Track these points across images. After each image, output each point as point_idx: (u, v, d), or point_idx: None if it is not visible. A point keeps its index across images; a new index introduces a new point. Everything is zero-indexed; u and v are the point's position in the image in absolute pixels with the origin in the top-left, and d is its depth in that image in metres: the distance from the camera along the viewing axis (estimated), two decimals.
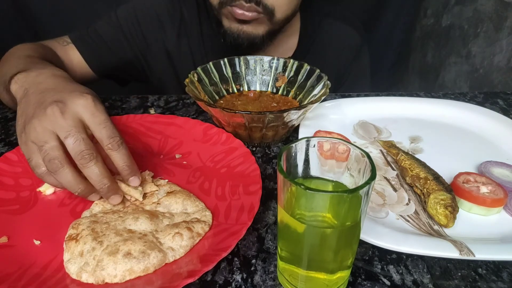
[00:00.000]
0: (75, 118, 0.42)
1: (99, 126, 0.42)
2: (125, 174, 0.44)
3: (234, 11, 0.70)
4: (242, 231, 0.39)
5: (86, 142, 0.41)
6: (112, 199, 0.43)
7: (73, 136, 0.41)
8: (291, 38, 0.85)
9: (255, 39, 0.74)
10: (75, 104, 0.42)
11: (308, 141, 0.35)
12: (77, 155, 0.41)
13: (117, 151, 0.43)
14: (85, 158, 0.41)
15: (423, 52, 1.46)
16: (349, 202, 0.30)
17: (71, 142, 0.41)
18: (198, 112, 0.67)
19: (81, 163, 0.41)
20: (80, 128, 0.42)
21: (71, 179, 0.41)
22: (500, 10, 1.06)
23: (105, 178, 0.42)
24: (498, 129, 0.61)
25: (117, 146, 0.43)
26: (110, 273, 0.36)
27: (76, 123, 0.42)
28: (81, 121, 0.42)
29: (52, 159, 0.40)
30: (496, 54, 1.08)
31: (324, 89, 0.58)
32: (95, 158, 0.41)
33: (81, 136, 0.41)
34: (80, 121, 0.42)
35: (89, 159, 0.41)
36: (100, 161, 0.42)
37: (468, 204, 0.46)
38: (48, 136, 0.41)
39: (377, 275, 0.38)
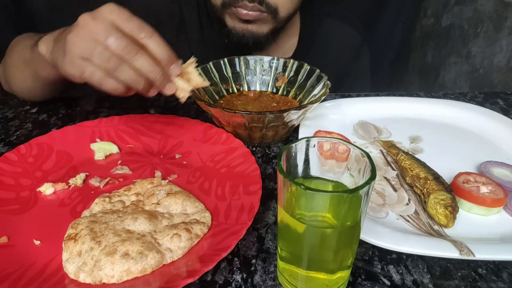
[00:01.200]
0: (105, 21, 0.43)
1: (128, 22, 0.44)
2: (165, 62, 0.45)
3: (238, 11, 0.70)
4: (242, 231, 0.39)
5: (125, 37, 0.43)
6: (167, 87, 0.45)
7: (112, 34, 0.42)
8: (291, 38, 0.85)
9: (260, 37, 0.74)
10: (102, 10, 0.44)
11: (308, 141, 0.35)
12: (124, 50, 0.42)
13: (151, 38, 0.44)
14: (132, 51, 0.42)
15: (423, 52, 1.46)
16: (349, 202, 0.30)
17: (113, 41, 0.42)
18: (198, 112, 0.67)
19: (130, 56, 0.42)
20: (113, 27, 0.43)
21: (132, 73, 0.43)
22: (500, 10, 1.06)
23: (157, 66, 0.43)
24: (498, 129, 0.61)
25: (151, 34, 0.44)
26: (107, 273, 0.36)
27: (110, 24, 0.43)
28: (111, 23, 0.43)
29: (108, 59, 0.42)
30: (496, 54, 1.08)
31: (324, 89, 0.58)
32: (141, 50, 0.43)
33: (118, 33, 0.42)
34: (110, 23, 0.43)
35: (136, 51, 0.42)
36: (145, 52, 0.43)
37: (468, 204, 0.46)
38: (91, 43, 0.43)
39: (377, 275, 0.38)
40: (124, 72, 0.43)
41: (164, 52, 0.45)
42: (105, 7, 0.44)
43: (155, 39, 0.44)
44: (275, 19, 0.72)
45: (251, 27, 0.73)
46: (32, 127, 0.63)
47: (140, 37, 0.44)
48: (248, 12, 0.70)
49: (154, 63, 0.44)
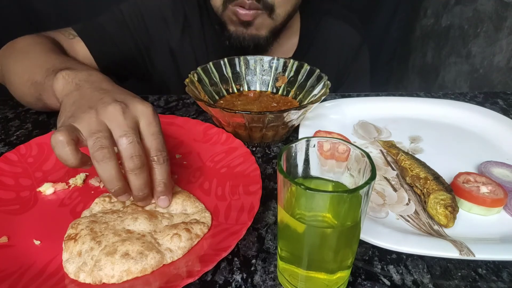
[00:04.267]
0: (134, 121, 0.41)
1: (151, 136, 0.42)
2: (159, 191, 0.43)
3: (237, 11, 0.70)
4: (242, 231, 0.39)
5: (140, 146, 0.40)
6: (140, 203, 0.44)
7: (130, 136, 0.40)
8: (292, 38, 0.85)
9: (259, 40, 0.75)
10: (137, 109, 0.42)
11: (308, 141, 0.35)
12: (129, 157, 0.39)
13: (160, 166, 0.42)
14: (136, 163, 0.39)
15: (423, 52, 1.46)
16: (349, 202, 0.30)
17: (126, 143, 0.39)
18: (198, 112, 0.67)
19: (131, 167, 0.40)
20: (137, 131, 0.41)
21: (114, 174, 0.39)
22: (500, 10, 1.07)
23: (146, 187, 0.41)
24: (498, 129, 0.61)
25: (162, 161, 0.42)
26: (107, 273, 0.36)
27: (134, 126, 0.41)
28: (138, 126, 0.42)
29: (102, 148, 0.38)
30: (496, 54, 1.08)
31: (324, 89, 0.58)
32: (144, 165, 0.40)
33: (137, 139, 0.40)
34: (137, 125, 0.41)
35: (140, 165, 0.40)
36: (147, 170, 0.41)
37: (468, 204, 0.46)
38: (102, 128, 0.40)
39: (377, 275, 0.38)
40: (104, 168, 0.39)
41: (162, 184, 0.43)
42: (142, 106, 0.42)
43: (163, 168, 0.42)
44: (272, 18, 0.72)
45: (250, 31, 0.73)
46: (32, 127, 0.63)
47: (153, 159, 0.42)
48: (247, 13, 0.70)
49: (147, 184, 0.41)
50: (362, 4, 1.34)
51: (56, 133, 0.38)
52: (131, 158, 0.39)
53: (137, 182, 0.41)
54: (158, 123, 0.43)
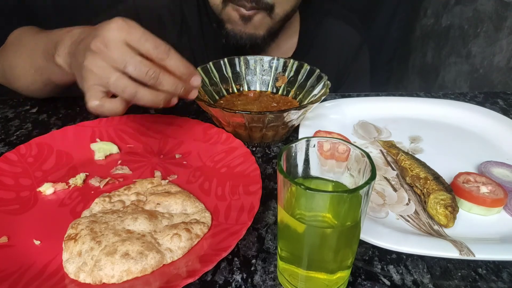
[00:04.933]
0: (118, 45, 0.43)
1: (139, 42, 0.43)
2: (185, 77, 0.45)
3: (237, 8, 0.70)
4: (242, 231, 0.39)
5: (143, 62, 0.43)
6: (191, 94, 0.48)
7: (129, 63, 0.42)
8: (291, 38, 0.85)
9: (256, 39, 0.74)
10: (109, 31, 0.43)
11: (308, 141, 0.35)
12: (144, 76, 0.42)
13: (168, 58, 0.44)
14: (153, 76, 0.43)
15: (423, 52, 1.46)
16: (349, 202, 0.30)
17: (132, 69, 0.42)
18: (198, 112, 0.67)
19: (152, 82, 0.43)
20: (129, 52, 0.43)
21: (150, 95, 0.43)
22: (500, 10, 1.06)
23: (179, 82, 0.44)
24: (498, 129, 0.61)
25: (166, 54, 0.44)
26: (107, 273, 0.36)
27: (123, 50, 0.43)
28: (124, 44, 0.43)
29: (124, 88, 0.42)
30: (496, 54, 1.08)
31: (324, 89, 0.58)
32: (161, 71, 0.43)
33: (136, 59, 0.42)
34: (124, 45, 0.43)
35: (157, 75, 0.43)
36: (164, 70, 0.44)
37: (468, 204, 0.46)
38: (107, 71, 0.42)
39: (377, 275, 0.38)
40: (140, 98, 0.43)
41: (183, 68, 0.45)
42: (113, 25, 0.43)
43: (173, 57, 0.44)
44: (271, 17, 0.72)
45: (248, 29, 0.73)
46: (32, 127, 0.63)
47: (158, 58, 0.44)
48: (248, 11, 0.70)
49: (176, 80, 0.44)
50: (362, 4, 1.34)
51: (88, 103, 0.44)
52: (146, 76, 0.43)
53: (168, 86, 0.44)
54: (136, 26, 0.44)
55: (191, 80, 0.46)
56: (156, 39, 0.44)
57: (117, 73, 0.42)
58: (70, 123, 0.62)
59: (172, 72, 0.45)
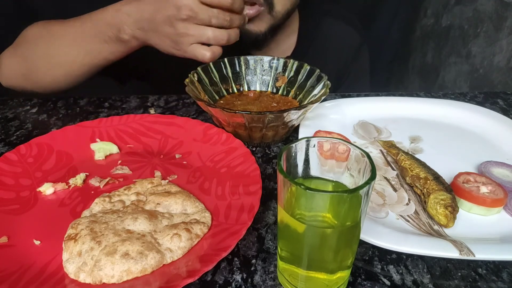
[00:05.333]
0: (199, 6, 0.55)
1: None
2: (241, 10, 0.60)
3: None
4: (242, 231, 0.39)
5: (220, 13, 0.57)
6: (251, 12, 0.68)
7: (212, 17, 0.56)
8: (290, 37, 0.85)
9: (257, 36, 0.75)
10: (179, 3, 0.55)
11: (308, 141, 0.35)
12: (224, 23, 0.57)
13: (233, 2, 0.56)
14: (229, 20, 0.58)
15: (423, 52, 1.46)
16: (349, 202, 0.30)
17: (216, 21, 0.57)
18: (198, 112, 0.67)
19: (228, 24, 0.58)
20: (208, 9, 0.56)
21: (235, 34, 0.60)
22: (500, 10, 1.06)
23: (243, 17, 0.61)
24: (498, 129, 0.61)
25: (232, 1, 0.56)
26: (107, 273, 0.36)
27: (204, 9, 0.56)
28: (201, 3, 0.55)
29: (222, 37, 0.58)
30: (496, 54, 1.08)
31: (324, 89, 0.58)
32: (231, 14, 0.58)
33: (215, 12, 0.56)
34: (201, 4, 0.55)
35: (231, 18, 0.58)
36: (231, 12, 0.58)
37: (468, 204, 0.46)
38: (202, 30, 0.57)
39: (377, 275, 0.38)
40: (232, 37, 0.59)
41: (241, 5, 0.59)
42: None
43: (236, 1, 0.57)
44: (271, 14, 0.73)
45: (248, 26, 0.73)
46: (32, 127, 0.63)
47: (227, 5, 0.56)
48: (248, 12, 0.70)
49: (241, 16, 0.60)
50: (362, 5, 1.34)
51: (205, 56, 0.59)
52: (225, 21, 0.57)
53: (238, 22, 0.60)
54: None
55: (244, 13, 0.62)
56: None
57: (209, 28, 0.56)
58: (70, 123, 0.63)
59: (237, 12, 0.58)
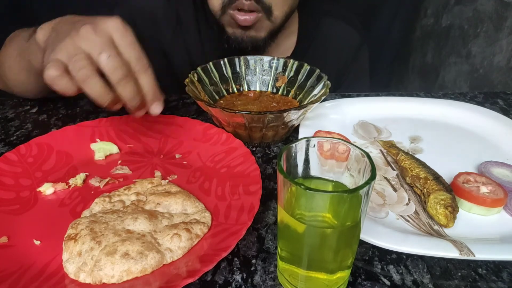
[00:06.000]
0: (107, 36, 0.43)
1: (128, 47, 0.43)
2: (150, 99, 0.45)
3: (236, 17, 0.70)
4: (242, 231, 0.39)
5: (119, 58, 0.42)
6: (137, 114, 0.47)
7: (106, 51, 0.41)
8: (290, 37, 0.85)
9: (258, 42, 0.75)
10: (106, 25, 0.43)
11: (308, 141, 0.35)
12: (113, 70, 0.41)
13: (144, 74, 0.44)
14: (120, 74, 0.41)
15: (423, 52, 1.46)
16: (349, 202, 0.30)
17: (105, 57, 0.41)
18: (198, 112, 0.67)
19: (117, 78, 0.41)
20: (112, 45, 0.43)
21: (100, 88, 0.42)
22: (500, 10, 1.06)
23: (137, 95, 0.43)
24: (498, 129, 0.61)
25: (145, 68, 0.44)
26: (107, 273, 0.36)
27: (108, 41, 0.42)
28: (112, 40, 0.43)
29: (82, 68, 0.41)
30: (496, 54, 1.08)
31: (324, 89, 0.58)
32: (129, 75, 0.42)
33: (114, 52, 0.42)
34: (111, 40, 0.43)
35: (124, 74, 0.42)
36: (132, 79, 0.43)
37: (468, 204, 0.46)
38: (79, 51, 0.42)
39: (377, 275, 0.38)
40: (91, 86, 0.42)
41: (151, 89, 0.45)
42: (111, 22, 0.43)
43: (148, 75, 0.44)
44: (270, 20, 0.72)
45: (249, 32, 0.73)
46: (32, 127, 0.63)
47: (135, 69, 0.43)
48: (246, 18, 0.70)
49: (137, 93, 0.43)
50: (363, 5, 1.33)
51: (47, 71, 0.41)
52: (114, 71, 0.41)
53: (126, 91, 0.42)
54: (131, 33, 0.44)
55: (153, 105, 0.45)
56: (141, 52, 0.44)
57: (84, 55, 0.41)
58: (70, 123, 0.62)
59: (140, 87, 0.44)
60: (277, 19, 0.73)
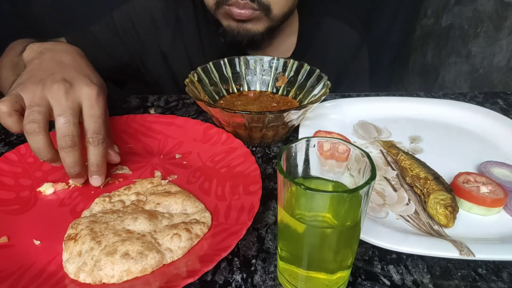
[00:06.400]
0: (75, 102, 0.44)
1: (91, 119, 0.45)
2: (92, 171, 0.46)
3: (231, 11, 0.70)
4: (242, 231, 0.39)
5: (75, 127, 0.43)
6: (74, 180, 0.47)
7: (66, 117, 0.43)
8: (290, 37, 0.85)
9: (254, 36, 0.74)
10: (82, 91, 0.44)
11: (308, 141, 0.35)
12: (62, 136, 0.43)
13: (94, 148, 0.45)
14: (67, 143, 0.43)
15: (423, 52, 1.46)
16: (349, 202, 0.30)
17: (62, 122, 0.43)
18: (198, 112, 0.67)
19: (62, 145, 0.43)
20: (76, 113, 0.44)
21: (42, 147, 0.43)
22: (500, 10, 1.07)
23: (77, 165, 0.44)
24: (498, 129, 0.61)
25: (97, 143, 0.45)
26: (107, 273, 0.36)
27: (75, 107, 0.44)
28: (79, 107, 0.44)
29: (33, 122, 0.41)
30: (496, 54, 1.08)
31: (324, 89, 0.58)
32: (76, 146, 0.43)
33: (73, 120, 0.43)
34: (78, 106, 0.44)
35: (71, 145, 0.43)
36: (79, 149, 0.44)
37: (468, 204, 0.46)
38: (43, 103, 0.43)
39: (377, 275, 0.38)
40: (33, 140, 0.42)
41: (95, 164, 0.46)
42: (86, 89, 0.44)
43: (98, 149, 0.45)
44: (269, 17, 0.72)
45: (245, 25, 0.72)
46: None
47: (88, 138, 0.45)
48: (241, 12, 0.69)
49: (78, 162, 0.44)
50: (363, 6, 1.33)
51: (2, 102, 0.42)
52: (63, 137, 0.43)
53: (68, 159, 0.44)
54: (100, 106, 0.46)
55: (93, 177, 0.47)
56: (102, 127, 0.45)
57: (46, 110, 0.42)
58: None
59: (88, 158, 0.45)
60: (275, 17, 0.73)
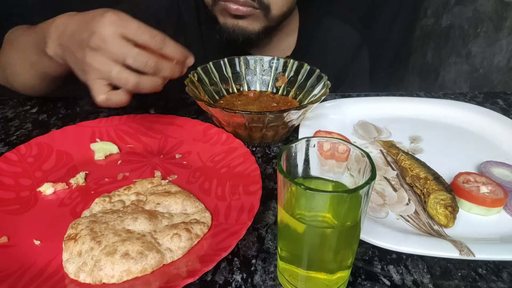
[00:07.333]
0: (116, 39, 0.45)
1: (136, 34, 0.45)
2: (182, 60, 0.49)
3: (228, 6, 0.69)
4: (242, 231, 0.39)
5: (141, 53, 0.45)
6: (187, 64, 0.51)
7: (128, 55, 0.44)
8: (290, 36, 0.85)
9: (250, 34, 0.73)
10: (104, 26, 0.45)
11: (308, 141, 0.35)
12: (144, 67, 0.45)
13: (165, 46, 0.47)
14: (152, 66, 0.45)
15: (423, 52, 1.46)
16: (349, 202, 0.30)
17: (131, 61, 0.44)
18: (198, 112, 0.67)
19: (152, 71, 0.46)
20: (127, 45, 0.45)
21: (151, 83, 0.46)
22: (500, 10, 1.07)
23: (175, 66, 0.48)
24: (498, 129, 0.61)
25: (163, 43, 0.46)
26: (107, 273, 0.36)
27: (121, 44, 0.45)
28: (121, 37, 0.45)
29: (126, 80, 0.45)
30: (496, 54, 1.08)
31: (324, 89, 0.58)
32: (158, 59, 0.46)
33: (134, 51, 0.45)
34: (121, 38, 0.45)
35: (156, 64, 0.45)
36: (160, 58, 0.46)
37: (468, 204, 0.46)
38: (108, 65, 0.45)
39: (377, 275, 0.38)
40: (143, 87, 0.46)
41: (179, 53, 0.48)
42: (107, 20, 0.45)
43: (169, 45, 0.47)
44: (267, 17, 0.72)
45: (241, 23, 0.72)
46: (32, 127, 0.63)
47: (156, 48, 0.46)
48: (238, 7, 0.69)
49: (173, 65, 0.47)
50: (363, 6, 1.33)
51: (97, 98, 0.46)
52: (146, 67, 0.45)
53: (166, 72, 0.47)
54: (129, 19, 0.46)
55: (186, 61, 0.50)
56: (151, 29, 0.46)
57: (118, 66, 0.45)
58: (70, 123, 0.62)
59: (170, 58, 0.47)
60: (273, 18, 0.73)
